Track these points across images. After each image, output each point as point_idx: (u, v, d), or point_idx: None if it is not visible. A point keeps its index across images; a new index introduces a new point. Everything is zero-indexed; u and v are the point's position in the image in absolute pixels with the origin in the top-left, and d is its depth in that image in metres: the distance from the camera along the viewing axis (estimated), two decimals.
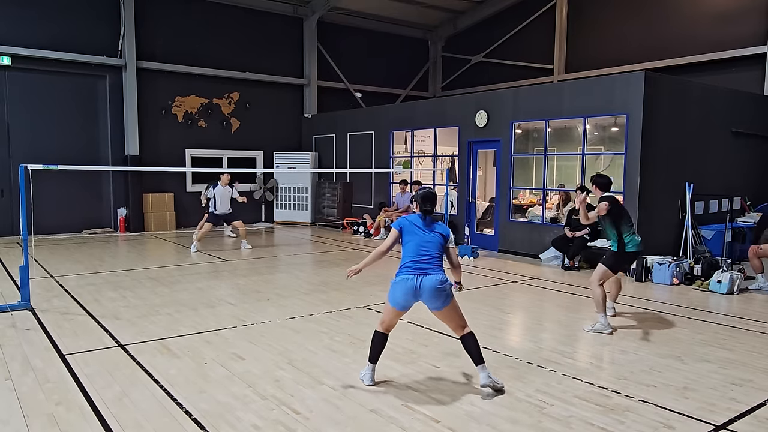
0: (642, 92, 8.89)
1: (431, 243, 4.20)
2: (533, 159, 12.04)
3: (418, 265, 4.15)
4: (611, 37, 14.69)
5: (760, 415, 3.92)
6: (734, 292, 7.65)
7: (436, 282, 4.11)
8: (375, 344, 4.37)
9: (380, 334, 4.36)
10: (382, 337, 4.36)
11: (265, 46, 15.92)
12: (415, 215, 4.36)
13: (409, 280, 4.13)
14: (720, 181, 10.35)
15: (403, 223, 4.30)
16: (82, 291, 7.46)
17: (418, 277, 4.12)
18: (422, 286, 4.11)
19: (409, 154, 14.04)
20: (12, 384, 4.32)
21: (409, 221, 4.29)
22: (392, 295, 4.23)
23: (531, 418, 3.83)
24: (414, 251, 4.19)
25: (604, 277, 6.00)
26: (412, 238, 4.23)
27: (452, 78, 19.12)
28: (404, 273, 4.18)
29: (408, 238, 4.25)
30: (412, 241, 4.23)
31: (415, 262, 4.16)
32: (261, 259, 10.25)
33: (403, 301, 4.20)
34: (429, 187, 4.45)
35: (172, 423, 3.70)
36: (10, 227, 12.56)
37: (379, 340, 4.36)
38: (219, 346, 5.26)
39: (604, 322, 5.84)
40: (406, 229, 4.27)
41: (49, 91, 13.01)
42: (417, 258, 4.17)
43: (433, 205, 4.35)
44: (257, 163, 16.10)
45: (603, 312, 5.87)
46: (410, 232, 4.25)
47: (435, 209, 4.37)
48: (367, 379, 4.37)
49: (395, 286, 4.20)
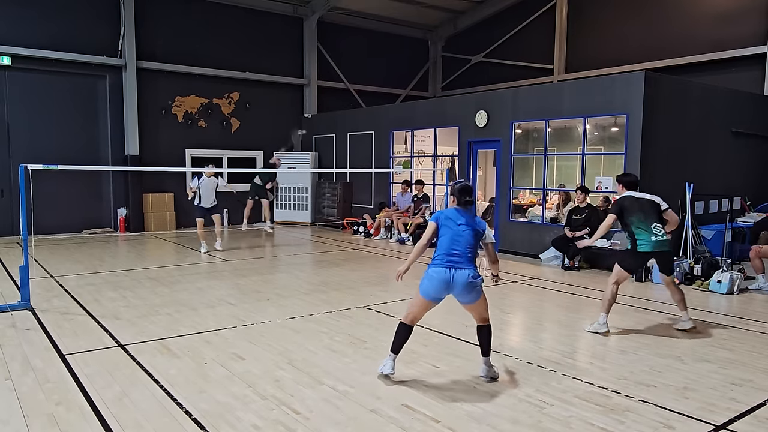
0: (642, 92, 8.89)
1: (463, 237, 4.27)
2: (533, 159, 12.04)
3: (449, 259, 4.22)
4: (611, 37, 14.69)
5: (760, 415, 3.92)
6: (734, 292, 7.65)
7: (468, 277, 4.18)
8: (399, 335, 4.41)
9: (405, 326, 4.41)
10: (407, 330, 4.41)
11: (265, 46, 15.92)
12: (452, 209, 4.43)
13: (442, 272, 4.19)
14: (720, 181, 10.35)
15: (439, 217, 4.40)
16: (82, 291, 7.46)
17: (450, 270, 4.18)
18: (455, 280, 4.18)
19: (409, 154, 14.04)
20: (12, 384, 4.32)
21: (445, 215, 4.38)
22: (424, 286, 4.28)
23: (531, 418, 3.83)
24: (447, 244, 4.27)
25: (618, 277, 5.88)
26: (447, 231, 4.30)
27: (452, 78, 19.12)
28: (437, 265, 4.23)
29: (443, 231, 4.33)
30: (446, 234, 4.30)
31: (448, 256, 4.23)
32: (261, 259, 10.25)
33: (434, 292, 4.25)
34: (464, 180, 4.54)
35: (172, 423, 3.70)
36: (10, 227, 12.56)
37: (404, 332, 4.40)
38: (219, 346, 5.26)
39: (603, 321, 5.82)
40: (441, 223, 4.35)
41: (49, 91, 13.01)
42: (449, 251, 4.24)
43: (472, 197, 4.44)
44: (257, 163, 16.10)
45: (606, 312, 5.83)
46: (445, 226, 4.33)
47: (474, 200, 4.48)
48: (387, 368, 4.42)
49: (429, 277, 4.24)
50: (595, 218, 9.42)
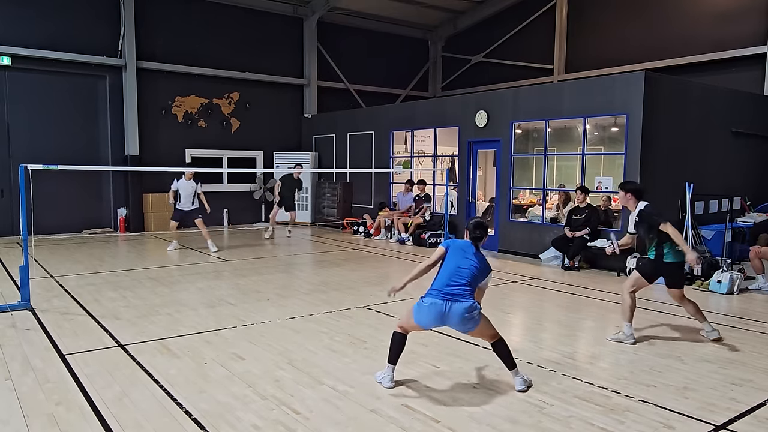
0: (642, 92, 8.89)
1: (467, 270, 4.16)
2: (533, 159, 12.04)
3: (448, 290, 4.10)
4: (611, 37, 14.69)
5: (760, 415, 3.92)
6: (734, 292, 7.65)
7: (464, 310, 4.06)
8: (394, 344, 4.33)
9: (400, 335, 4.33)
10: (402, 338, 4.33)
11: (265, 46, 15.92)
12: (466, 242, 4.32)
13: (437, 305, 4.08)
14: (720, 181, 10.35)
15: (450, 245, 4.30)
16: (82, 291, 7.46)
17: (447, 302, 4.07)
18: (451, 312, 4.07)
19: (409, 154, 14.04)
20: (12, 384, 4.32)
21: (457, 245, 4.29)
22: (418, 315, 4.17)
23: (531, 418, 3.82)
24: (448, 275, 4.15)
25: (636, 284, 5.60)
26: (452, 261, 4.20)
27: (452, 78, 19.12)
28: (433, 296, 4.11)
29: (448, 260, 4.22)
30: (450, 263, 4.20)
31: (447, 287, 4.11)
32: (261, 259, 10.25)
33: (428, 323, 4.18)
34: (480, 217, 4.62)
35: (172, 423, 3.70)
36: (10, 227, 12.56)
37: (399, 341, 4.32)
38: (219, 346, 5.26)
39: (628, 332, 5.53)
40: (450, 251, 4.26)
41: (49, 91, 13.01)
42: (449, 282, 4.12)
43: (484, 233, 4.34)
44: (257, 163, 16.10)
45: (629, 321, 5.55)
46: (453, 255, 4.23)
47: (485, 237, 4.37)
48: (386, 382, 4.32)
49: (423, 308, 4.12)
50: (594, 218, 9.42)
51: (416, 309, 4.18)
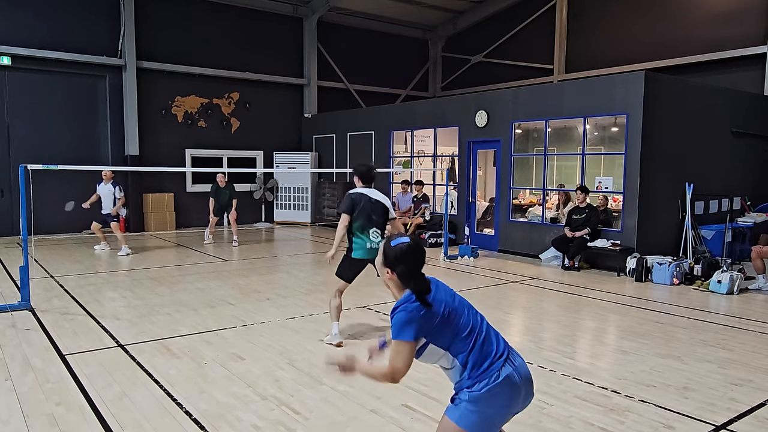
0: (642, 92, 8.89)
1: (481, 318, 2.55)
2: (533, 159, 12.04)
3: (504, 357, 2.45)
4: (611, 37, 14.69)
5: (760, 415, 3.92)
6: (734, 292, 7.65)
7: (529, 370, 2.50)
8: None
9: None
10: None
11: (265, 46, 15.92)
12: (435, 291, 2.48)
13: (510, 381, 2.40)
14: (720, 181, 10.35)
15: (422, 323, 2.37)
16: (82, 291, 7.46)
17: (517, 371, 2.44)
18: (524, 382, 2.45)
19: (409, 154, 14.04)
20: (12, 384, 4.32)
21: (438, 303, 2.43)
22: (484, 423, 2.41)
23: (531, 418, 3.82)
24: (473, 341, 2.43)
25: None
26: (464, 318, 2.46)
27: (452, 78, 19.12)
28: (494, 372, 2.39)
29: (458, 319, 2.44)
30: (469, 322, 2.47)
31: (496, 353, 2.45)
32: (261, 259, 10.25)
33: (504, 418, 2.48)
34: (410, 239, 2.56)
35: (172, 423, 3.70)
36: (10, 227, 12.56)
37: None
38: (219, 346, 5.26)
39: None
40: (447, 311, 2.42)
41: (49, 91, 13.01)
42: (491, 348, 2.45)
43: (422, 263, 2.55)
44: (257, 163, 16.10)
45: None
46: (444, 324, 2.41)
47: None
48: None
49: (487, 406, 2.38)
50: (594, 218, 9.42)
51: (476, 417, 2.36)
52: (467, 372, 2.42)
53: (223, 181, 11.86)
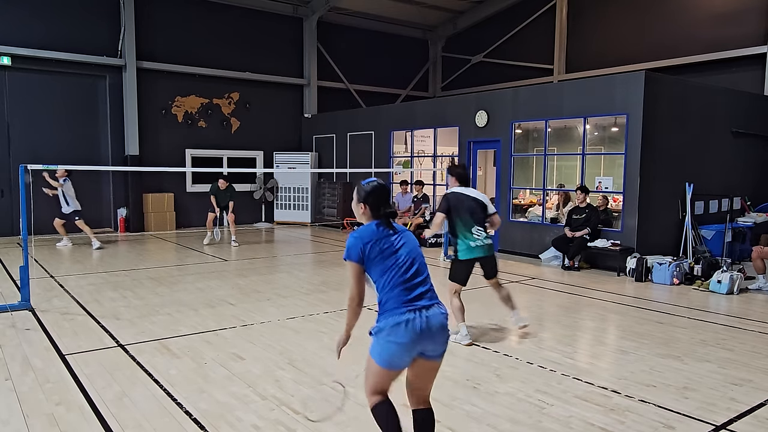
0: (642, 92, 8.89)
1: (416, 261, 2.98)
2: (533, 159, 12.04)
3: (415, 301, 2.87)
4: (611, 37, 14.69)
5: (760, 415, 3.92)
6: (734, 292, 7.65)
7: (444, 318, 2.90)
8: (390, 422, 2.89)
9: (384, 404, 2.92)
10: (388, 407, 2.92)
11: (265, 46, 15.92)
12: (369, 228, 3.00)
13: (410, 323, 2.79)
14: (720, 181, 10.35)
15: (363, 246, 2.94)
16: (82, 291, 7.46)
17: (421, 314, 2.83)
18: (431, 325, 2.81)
19: (409, 154, 14.04)
20: (12, 384, 4.32)
21: (373, 237, 2.96)
22: (388, 354, 2.82)
23: (531, 418, 3.82)
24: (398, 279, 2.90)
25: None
26: (386, 262, 2.93)
27: (452, 78, 19.12)
28: (396, 314, 2.83)
29: (378, 266, 2.95)
30: (387, 266, 2.94)
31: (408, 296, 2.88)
32: (261, 259, 10.25)
33: (406, 353, 2.83)
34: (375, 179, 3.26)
35: (172, 423, 3.70)
36: (10, 227, 12.56)
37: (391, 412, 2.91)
38: (219, 346, 5.26)
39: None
40: (371, 254, 2.95)
41: (49, 91, 13.01)
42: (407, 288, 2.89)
43: (388, 203, 3.15)
44: (257, 163, 16.10)
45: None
46: (378, 256, 2.95)
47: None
48: None
49: (387, 341, 2.81)
50: (594, 218, 9.42)
51: (378, 347, 2.79)
52: (380, 308, 2.85)
53: (224, 185, 11.96)
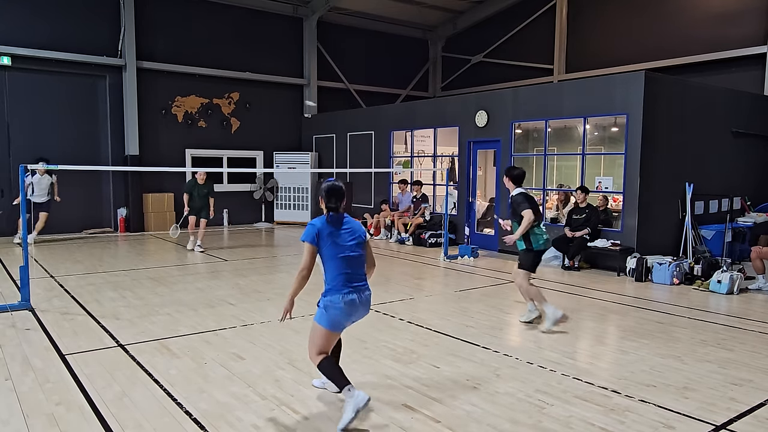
0: (642, 92, 8.89)
1: (356, 255, 3.84)
2: (533, 159, 12.03)
3: (354, 284, 3.86)
4: (611, 37, 14.69)
5: (760, 415, 3.92)
6: (734, 292, 7.65)
7: (370, 296, 3.92)
8: (332, 369, 3.78)
9: (328, 359, 3.86)
10: (330, 360, 3.86)
11: (265, 46, 15.92)
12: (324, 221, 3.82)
13: (351, 301, 3.81)
14: (720, 181, 10.35)
15: (317, 233, 3.79)
16: (82, 291, 7.46)
17: (360, 295, 3.85)
18: (363, 302, 3.88)
19: (409, 154, 14.04)
20: (12, 384, 4.32)
21: (324, 231, 3.79)
22: (334, 320, 3.86)
23: (531, 418, 3.82)
24: (342, 266, 3.82)
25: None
26: (332, 250, 3.82)
27: (452, 78, 19.12)
28: (342, 292, 3.82)
29: (327, 252, 3.84)
30: (333, 253, 3.82)
31: (350, 280, 3.85)
32: (261, 259, 10.25)
33: (345, 321, 3.88)
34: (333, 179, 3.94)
35: (172, 423, 3.70)
36: (10, 227, 12.55)
37: (332, 363, 3.85)
38: (219, 346, 5.26)
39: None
40: (323, 241, 3.79)
41: (49, 91, 13.01)
42: (348, 273, 3.84)
43: (339, 202, 3.82)
44: (257, 163, 16.10)
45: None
46: (329, 244, 3.80)
47: (342, 205, 3.88)
48: (362, 399, 3.58)
49: (334, 309, 3.85)
50: (594, 218, 9.42)
51: (326, 316, 3.80)
52: (325, 286, 3.91)
53: (202, 179, 11.02)
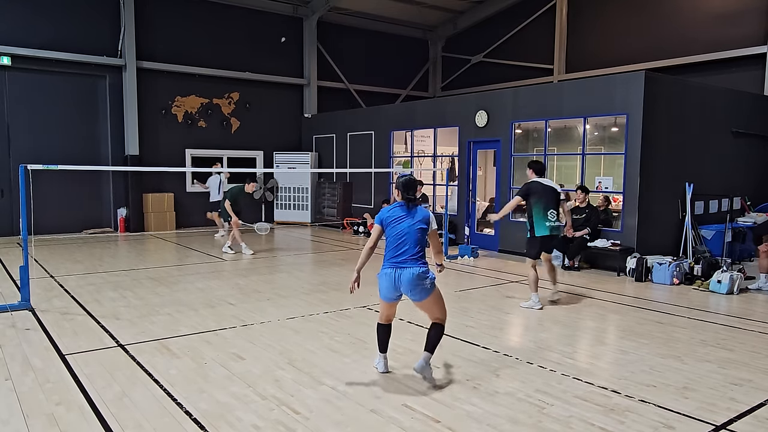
0: (642, 92, 8.89)
1: (408, 235, 4.29)
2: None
3: (395, 259, 4.29)
4: (611, 37, 14.69)
5: (760, 415, 3.92)
6: (734, 292, 7.65)
7: (414, 277, 4.23)
8: (379, 335, 4.61)
9: (381, 326, 4.59)
10: (383, 328, 4.59)
11: (265, 46, 15.92)
12: (395, 207, 4.40)
13: (388, 274, 4.30)
14: (720, 181, 10.35)
15: (383, 218, 4.38)
16: (82, 291, 7.45)
17: (396, 270, 4.26)
18: (401, 279, 4.26)
19: (409, 154, 14.04)
20: (12, 384, 4.32)
21: (389, 215, 4.36)
22: (379, 288, 4.42)
23: (531, 418, 3.82)
24: (393, 245, 4.32)
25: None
26: (393, 230, 4.33)
27: (452, 78, 19.12)
28: (384, 267, 4.34)
29: (388, 231, 4.36)
30: (391, 234, 4.34)
31: (394, 257, 4.30)
32: (261, 259, 10.25)
33: (387, 293, 4.37)
34: (410, 174, 4.58)
35: (172, 423, 3.70)
36: (10, 227, 12.56)
37: (382, 331, 4.59)
38: (219, 346, 5.26)
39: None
40: (386, 223, 4.35)
41: (49, 91, 13.01)
42: (395, 252, 4.30)
43: (415, 192, 4.42)
44: (257, 163, 16.10)
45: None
46: (391, 225, 4.34)
47: (417, 196, 4.49)
48: (381, 367, 4.61)
49: (379, 279, 4.39)
50: (594, 218, 9.42)
51: (379, 286, 4.40)
52: (384, 257, 4.38)
53: (251, 188, 10.95)
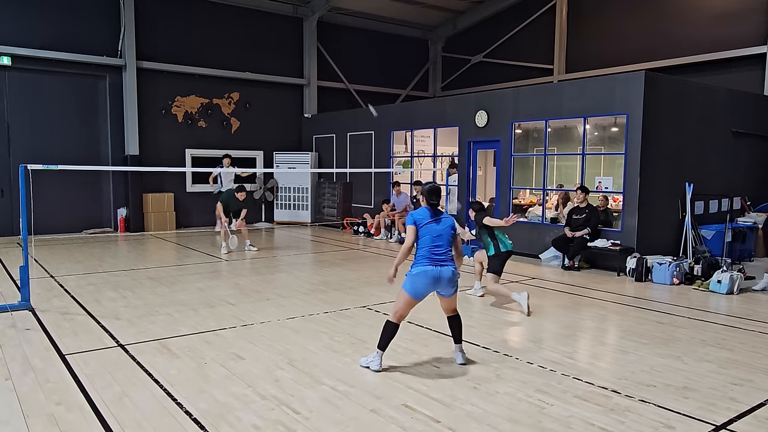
0: (642, 92, 8.89)
1: (442, 236, 4.60)
2: (533, 159, 12.04)
3: (434, 256, 4.54)
4: (611, 37, 14.69)
5: (760, 415, 3.92)
6: (734, 292, 7.65)
7: (452, 273, 4.57)
8: (387, 333, 4.66)
9: (393, 325, 4.66)
10: (394, 327, 4.66)
11: (265, 46, 15.92)
12: (425, 210, 4.69)
13: (430, 270, 4.50)
14: (720, 181, 10.34)
15: (417, 219, 4.66)
16: (82, 291, 7.45)
17: (437, 267, 4.51)
18: (442, 274, 4.52)
19: (409, 154, 14.04)
20: (12, 384, 4.32)
21: (423, 216, 4.66)
22: (412, 287, 4.54)
23: (531, 418, 3.82)
24: (430, 243, 4.57)
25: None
26: (426, 231, 4.60)
27: (452, 78, 19.12)
28: (423, 264, 4.53)
29: (422, 232, 4.61)
30: (426, 234, 4.59)
31: (433, 254, 4.55)
32: (261, 259, 10.25)
33: (424, 290, 4.55)
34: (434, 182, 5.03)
35: (172, 423, 3.70)
36: (10, 227, 12.56)
37: (392, 330, 4.66)
38: (219, 346, 5.26)
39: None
40: (420, 223, 4.63)
41: (49, 91, 13.01)
42: (433, 250, 4.55)
43: (439, 198, 4.73)
44: (257, 163, 16.10)
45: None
46: (424, 226, 4.62)
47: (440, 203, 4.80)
48: (375, 365, 4.65)
49: (416, 278, 4.52)
50: (594, 218, 9.42)
51: (409, 283, 4.56)
52: (415, 257, 4.64)
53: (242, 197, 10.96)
